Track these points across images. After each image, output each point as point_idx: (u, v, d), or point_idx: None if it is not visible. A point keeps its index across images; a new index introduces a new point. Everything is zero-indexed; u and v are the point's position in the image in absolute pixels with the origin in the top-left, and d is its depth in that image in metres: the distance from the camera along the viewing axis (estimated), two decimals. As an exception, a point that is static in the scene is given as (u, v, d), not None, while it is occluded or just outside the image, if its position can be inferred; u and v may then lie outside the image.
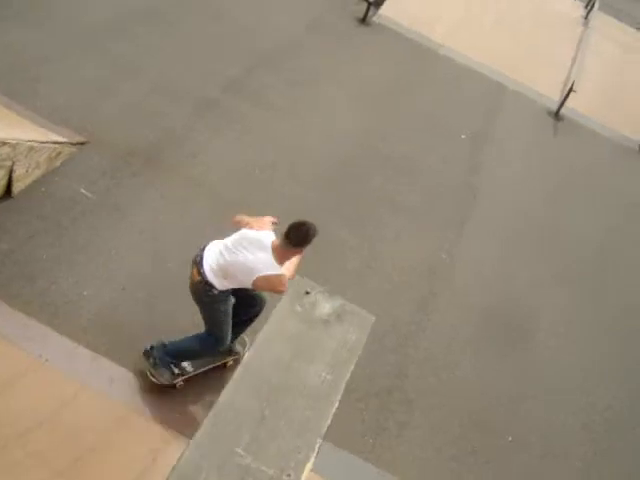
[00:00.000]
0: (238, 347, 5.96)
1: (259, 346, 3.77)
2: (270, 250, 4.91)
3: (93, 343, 5.59)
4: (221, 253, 5.06)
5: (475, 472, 5.96)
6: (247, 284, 4.98)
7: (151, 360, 5.55)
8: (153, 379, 5.53)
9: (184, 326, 5.95)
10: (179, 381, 5.57)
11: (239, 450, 3.20)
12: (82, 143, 7.37)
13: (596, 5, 15.10)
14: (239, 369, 3.60)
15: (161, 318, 6.01)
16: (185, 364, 5.63)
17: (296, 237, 4.81)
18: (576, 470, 6.32)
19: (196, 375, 5.65)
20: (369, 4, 12.47)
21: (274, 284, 4.89)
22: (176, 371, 5.57)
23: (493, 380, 6.81)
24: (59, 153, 6.92)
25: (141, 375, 5.53)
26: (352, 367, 3.92)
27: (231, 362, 5.88)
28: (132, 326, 5.85)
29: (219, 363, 5.82)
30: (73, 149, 7.20)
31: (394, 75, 11.30)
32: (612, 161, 11.86)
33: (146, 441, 5.06)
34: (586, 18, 15.38)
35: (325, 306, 4.16)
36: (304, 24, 11.73)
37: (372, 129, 9.68)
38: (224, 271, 5.04)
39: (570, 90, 12.11)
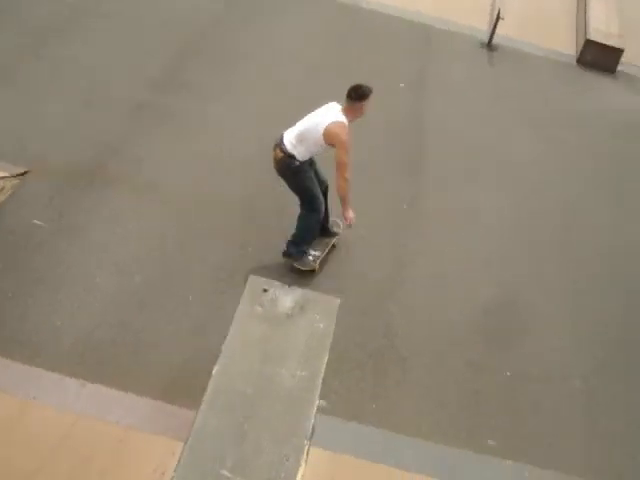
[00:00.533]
0: (335, 228, 7.22)
1: (225, 358, 3.65)
2: (339, 109, 6.25)
3: (78, 371, 5.50)
4: (299, 125, 6.34)
5: (481, 411, 6.02)
6: (319, 138, 6.18)
7: (292, 257, 6.75)
8: (302, 268, 6.71)
9: (161, 337, 5.92)
10: (316, 265, 6.77)
11: (225, 472, 3.12)
12: (23, 173, 7.21)
13: None
14: (209, 386, 3.49)
15: (138, 333, 5.95)
16: (312, 251, 6.85)
17: (356, 93, 6.23)
18: (577, 391, 6.41)
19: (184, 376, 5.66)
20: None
21: (341, 129, 6.14)
22: (311, 257, 6.81)
23: (480, 319, 6.87)
24: (2, 188, 6.78)
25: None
26: (326, 356, 3.84)
27: (335, 242, 7.19)
28: (112, 347, 5.79)
29: (330, 246, 7.08)
30: (15, 181, 7.05)
31: (324, 38, 11.19)
32: (553, 78, 11.97)
33: (151, 457, 5.00)
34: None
35: (286, 300, 4.09)
36: (225, 2, 11.57)
37: (311, 96, 9.43)
38: (301, 137, 6.26)
39: (497, 18, 12.08)
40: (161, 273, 6.53)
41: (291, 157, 6.28)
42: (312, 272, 6.77)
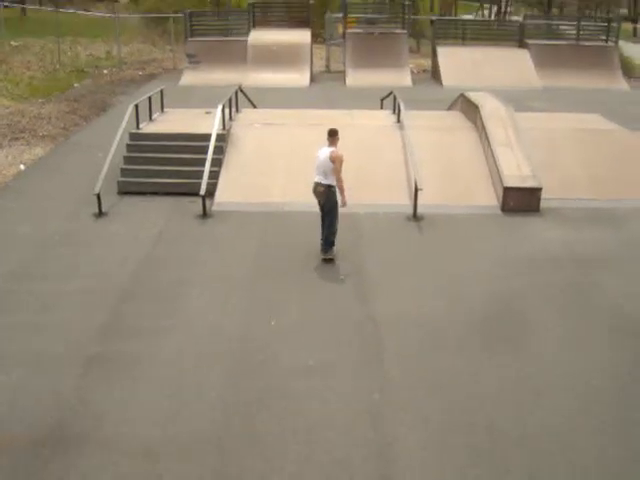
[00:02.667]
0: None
1: None
2: (327, 146, 10.75)
3: None
4: (317, 171, 10.74)
5: None
6: (330, 164, 10.53)
7: (324, 251, 11.04)
8: (330, 257, 11.03)
9: None
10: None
11: None
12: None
13: (402, 106, 15.93)
14: None
15: None
16: (333, 248, 11.10)
17: (331, 133, 10.83)
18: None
19: None
20: (203, 198, 12.72)
21: (336, 152, 10.59)
22: (334, 252, 11.08)
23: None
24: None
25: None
26: None
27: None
28: None
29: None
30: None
31: (254, 254, 11.43)
32: (482, 232, 12.40)
33: None
34: (398, 121, 16.19)
35: None
36: (152, 241, 11.82)
37: (259, 309, 9.62)
38: (325, 173, 10.63)
39: (416, 190, 12.59)
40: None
41: (329, 186, 10.69)
42: (332, 260, 10.99)
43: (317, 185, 10.70)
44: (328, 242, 10.97)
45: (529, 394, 7.85)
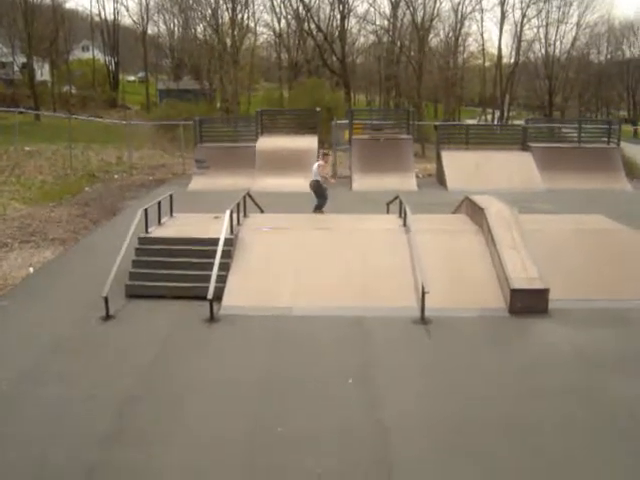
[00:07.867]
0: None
1: None
2: (318, 162, 19.91)
3: None
4: (312, 172, 19.22)
5: None
6: (317, 171, 19.17)
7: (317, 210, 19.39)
8: (319, 211, 19.20)
9: None
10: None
11: None
12: None
13: (407, 210, 16.09)
14: None
15: None
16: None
17: (323, 154, 20.71)
18: None
19: None
20: (210, 302, 12.74)
21: (323, 165, 19.83)
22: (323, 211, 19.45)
23: None
24: None
25: None
26: None
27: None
28: None
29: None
30: None
31: (261, 359, 11.30)
32: (490, 334, 12.30)
33: None
34: (404, 225, 16.32)
35: None
36: (158, 346, 11.75)
37: (257, 430, 9.42)
38: (315, 173, 18.97)
39: (423, 293, 12.58)
40: None
41: (317, 181, 18.87)
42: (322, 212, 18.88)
43: (312, 181, 19.06)
44: (319, 208, 19.21)
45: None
